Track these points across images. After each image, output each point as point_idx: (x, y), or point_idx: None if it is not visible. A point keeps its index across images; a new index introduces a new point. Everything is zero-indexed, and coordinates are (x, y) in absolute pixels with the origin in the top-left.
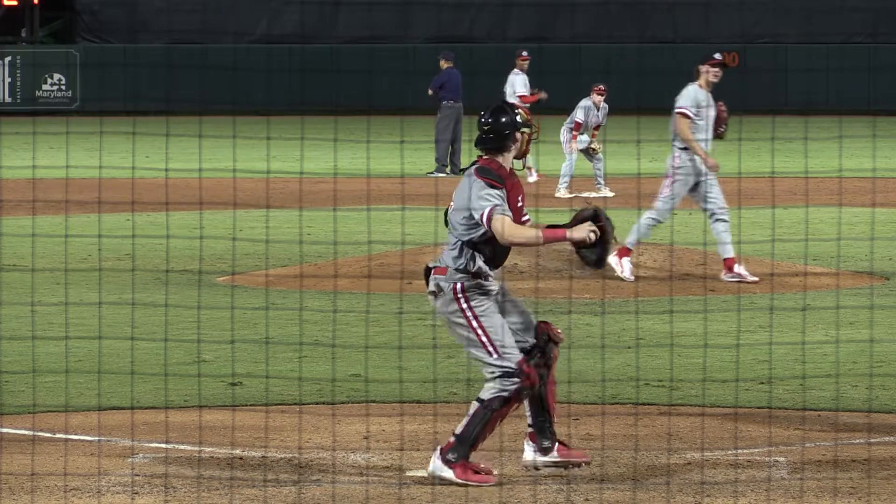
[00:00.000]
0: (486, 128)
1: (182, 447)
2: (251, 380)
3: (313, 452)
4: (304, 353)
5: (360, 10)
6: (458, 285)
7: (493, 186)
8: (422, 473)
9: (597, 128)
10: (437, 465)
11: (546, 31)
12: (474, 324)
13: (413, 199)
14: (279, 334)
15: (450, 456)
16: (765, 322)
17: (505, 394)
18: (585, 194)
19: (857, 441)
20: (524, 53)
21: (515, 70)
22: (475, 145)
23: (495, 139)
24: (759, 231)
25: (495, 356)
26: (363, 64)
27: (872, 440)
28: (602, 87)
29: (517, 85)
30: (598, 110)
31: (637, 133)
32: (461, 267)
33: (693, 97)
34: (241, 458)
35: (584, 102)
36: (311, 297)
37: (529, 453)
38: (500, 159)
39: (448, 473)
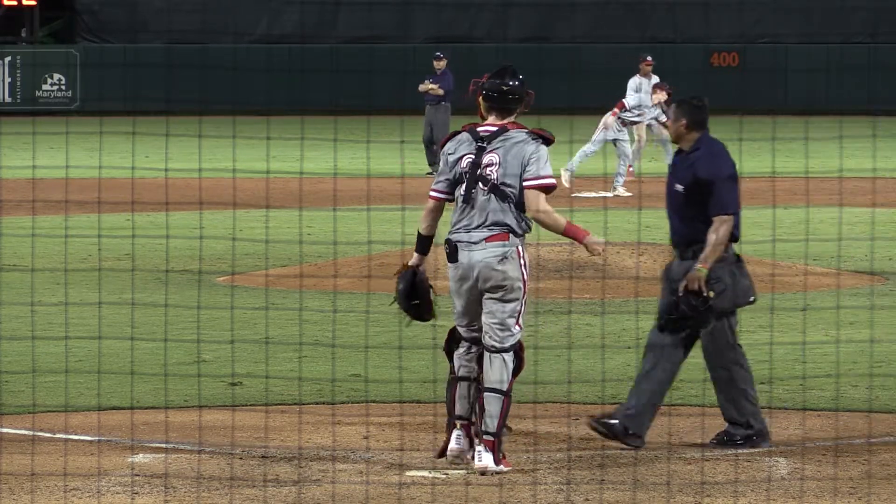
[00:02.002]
0: (508, 90)
1: (182, 447)
2: (251, 380)
3: (313, 452)
4: (304, 353)
5: (360, 10)
6: (521, 248)
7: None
8: (423, 473)
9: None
10: (490, 462)
11: (546, 31)
12: (525, 289)
13: (413, 199)
14: (279, 334)
15: (499, 454)
16: (765, 322)
17: (510, 374)
18: (585, 194)
19: (857, 441)
20: (648, 58)
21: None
22: (497, 107)
23: (516, 100)
24: (760, 231)
25: (518, 328)
26: (363, 64)
27: (872, 440)
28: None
29: (628, 90)
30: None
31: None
32: (522, 230)
33: None
34: (241, 459)
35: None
36: (311, 297)
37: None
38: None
39: (501, 467)
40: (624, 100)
